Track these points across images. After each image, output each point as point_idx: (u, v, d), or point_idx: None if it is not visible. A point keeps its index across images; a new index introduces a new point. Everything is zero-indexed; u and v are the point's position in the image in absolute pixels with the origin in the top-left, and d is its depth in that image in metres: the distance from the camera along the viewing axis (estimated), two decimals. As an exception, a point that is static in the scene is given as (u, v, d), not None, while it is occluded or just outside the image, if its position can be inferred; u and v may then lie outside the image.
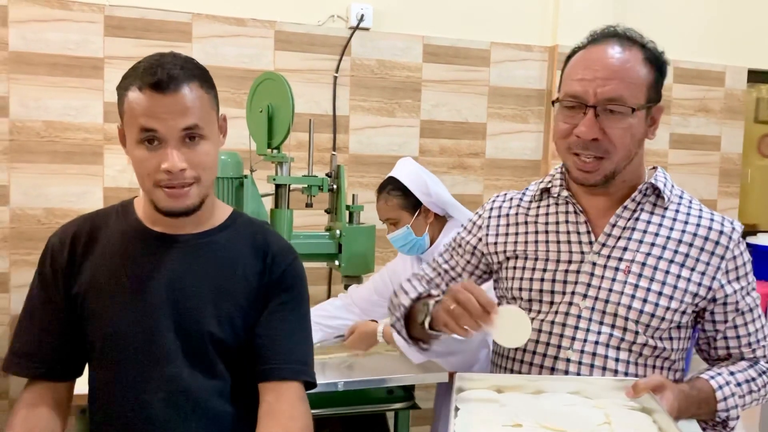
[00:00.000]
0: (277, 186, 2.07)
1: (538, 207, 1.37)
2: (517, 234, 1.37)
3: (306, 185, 2.08)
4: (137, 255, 1.18)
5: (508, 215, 1.39)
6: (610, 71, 1.19)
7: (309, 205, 2.11)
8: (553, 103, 1.27)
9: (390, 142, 2.73)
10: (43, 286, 1.19)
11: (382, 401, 1.93)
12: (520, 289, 1.32)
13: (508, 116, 2.88)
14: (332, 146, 2.64)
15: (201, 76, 1.18)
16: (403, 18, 2.71)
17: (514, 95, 2.87)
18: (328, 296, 2.66)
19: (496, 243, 1.38)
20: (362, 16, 2.61)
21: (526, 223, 1.36)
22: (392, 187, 2.15)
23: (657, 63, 1.25)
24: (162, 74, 1.09)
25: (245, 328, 1.18)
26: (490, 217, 1.41)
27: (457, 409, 1.09)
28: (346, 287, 2.15)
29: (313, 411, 1.83)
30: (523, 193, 1.42)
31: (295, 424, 1.13)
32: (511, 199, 1.42)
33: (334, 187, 2.12)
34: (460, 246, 1.45)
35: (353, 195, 2.16)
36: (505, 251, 1.37)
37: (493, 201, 1.44)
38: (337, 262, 2.09)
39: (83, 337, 1.18)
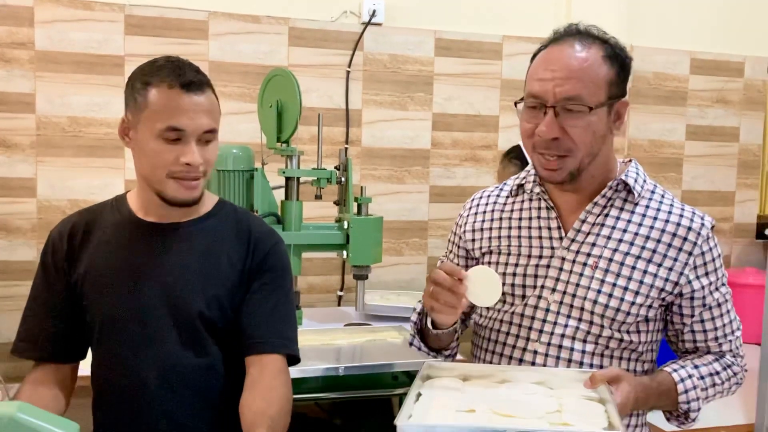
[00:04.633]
0: (287, 178, 2.15)
1: (513, 203, 1.40)
2: (491, 230, 1.40)
3: (315, 178, 2.15)
4: (130, 244, 1.27)
5: (484, 212, 1.43)
6: (567, 71, 1.21)
7: (318, 197, 2.18)
8: (515, 104, 1.29)
9: (402, 135, 2.78)
10: (45, 275, 1.30)
11: (387, 387, 1.99)
12: None
13: (520, 109, 2.90)
14: (345, 140, 2.70)
15: (211, 83, 1.27)
16: (414, 13, 2.74)
17: (526, 88, 2.89)
18: (342, 286, 2.73)
19: (473, 240, 1.42)
20: (374, 11, 2.66)
21: (501, 219, 1.40)
22: (514, 155, 2.18)
23: (618, 59, 1.26)
24: (190, 76, 1.19)
25: (232, 308, 1.27)
26: (467, 215, 1.46)
27: (420, 395, 1.13)
28: (355, 277, 2.22)
29: (317, 395, 1.93)
30: (501, 189, 1.46)
31: (274, 393, 1.21)
32: (489, 195, 1.46)
33: (343, 179, 2.18)
34: (450, 252, 1.50)
35: (362, 187, 2.22)
36: (480, 247, 1.41)
37: (472, 200, 1.49)
38: (345, 253, 2.16)
39: (83, 321, 1.28)
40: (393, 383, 1.98)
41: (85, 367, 1.33)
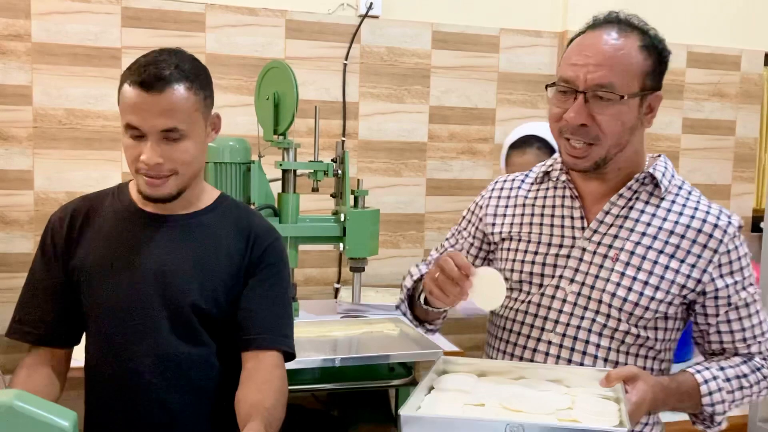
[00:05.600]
0: (284, 171, 2.15)
1: (538, 189, 1.38)
2: (513, 216, 1.38)
3: (312, 170, 2.16)
4: (129, 232, 1.27)
5: (508, 197, 1.41)
6: (601, 57, 1.19)
7: (315, 190, 2.19)
8: (546, 87, 1.28)
9: (399, 128, 2.78)
10: (44, 259, 1.30)
11: (383, 378, 2.00)
12: (512, 270, 1.33)
13: (517, 102, 2.91)
14: (342, 132, 2.70)
15: (194, 77, 1.21)
16: (411, 5, 2.74)
17: (523, 81, 2.89)
18: (339, 279, 2.74)
19: (494, 224, 1.40)
20: (371, 4, 2.65)
21: (523, 205, 1.38)
22: (540, 144, 2.19)
23: (656, 51, 1.24)
24: (150, 74, 1.15)
25: (228, 302, 1.27)
26: (490, 198, 1.43)
27: (432, 388, 1.13)
28: (352, 269, 2.22)
29: (314, 386, 1.94)
30: (526, 175, 1.43)
31: (269, 386, 1.22)
32: (513, 180, 1.43)
33: (340, 172, 2.19)
34: (465, 229, 1.47)
35: (359, 180, 2.23)
36: (500, 232, 1.39)
37: (495, 182, 1.46)
38: (342, 245, 2.16)
39: (79, 307, 1.29)
40: (389, 374, 1.99)
41: (78, 358, 1.34)
